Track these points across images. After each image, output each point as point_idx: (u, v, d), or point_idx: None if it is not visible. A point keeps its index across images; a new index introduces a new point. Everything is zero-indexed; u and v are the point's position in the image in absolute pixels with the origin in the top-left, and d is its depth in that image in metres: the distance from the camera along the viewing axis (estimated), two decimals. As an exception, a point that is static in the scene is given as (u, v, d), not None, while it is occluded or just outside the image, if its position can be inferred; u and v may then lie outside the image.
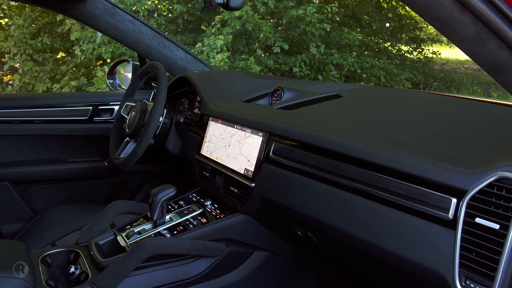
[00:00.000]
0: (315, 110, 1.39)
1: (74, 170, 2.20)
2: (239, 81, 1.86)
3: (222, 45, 5.97)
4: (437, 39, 9.65)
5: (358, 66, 6.98)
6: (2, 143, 2.10)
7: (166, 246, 1.26)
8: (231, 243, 1.42)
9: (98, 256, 1.32)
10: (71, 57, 7.06)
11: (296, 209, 1.19)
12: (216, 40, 6.02)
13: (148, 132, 1.58)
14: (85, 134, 2.21)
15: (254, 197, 1.33)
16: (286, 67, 6.80)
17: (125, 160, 1.66)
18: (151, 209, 1.38)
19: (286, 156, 1.24)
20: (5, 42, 6.81)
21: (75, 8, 1.90)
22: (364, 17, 8.22)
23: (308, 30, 6.51)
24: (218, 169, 1.50)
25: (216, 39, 6.02)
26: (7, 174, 2.07)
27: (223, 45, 5.99)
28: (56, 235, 1.76)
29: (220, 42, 5.98)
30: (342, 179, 1.07)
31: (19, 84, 6.74)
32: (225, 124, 1.52)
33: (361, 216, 1.01)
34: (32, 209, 2.16)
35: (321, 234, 1.21)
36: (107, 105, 2.22)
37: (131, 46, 2.09)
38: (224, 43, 6.00)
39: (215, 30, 6.18)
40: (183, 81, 1.95)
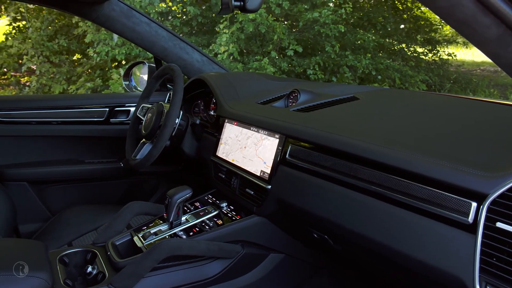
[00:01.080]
0: (332, 112, 1.38)
1: (91, 171, 2.23)
2: (254, 83, 1.86)
3: (227, 39, 5.97)
4: (452, 41, 9.56)
5: (373, 68, 6.94)
6: (21, 143, 2.13)
7: (182, 247, 1.26)
8: (247, 245, 1.42)
9: (115, 256, 1.33)
10: (86, 59, 7.14)
11: (312, 211, 1.19)
12: (223, 35, 6.03)
13: (164, 134, 1.59)
14: (102, 135, 2.24)
15: (270, 199, 1.33)
16: (300, 69, 6.79)
17: (141, 161, 1.68)
18: (168, 210, 1.39)
19: (303, 158, 1.24)
20: (23, 44, 6.91)
21: (93, 11, 1.92)
22: (379, 19, 8.17)
23: (322, 31, 6.50)
24: (234, 170, 1.50)
25: (222, 35, 6.04)
26: (25, 174, 2.10)
27: (229, 39, 5.98)
28: (73, 235, 1.78)
29: (226, 36, 5.98)
30: (359, 182, 1.06)
31: (36, 85, 6.83)
32: (241, 126, 1.52)
33: (378, 219, 1.01)
34: (49, 209, 2.19)
35: (337, 237, 1.20)
36: (123, 107, 2.24)
37: (148, 48, 2.10)
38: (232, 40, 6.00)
39: (224, 26, 6.20)
40: (199, 83, 1.96)
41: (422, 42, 8.84)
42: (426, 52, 8.92)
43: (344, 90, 1.61)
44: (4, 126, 2.07)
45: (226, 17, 6.21)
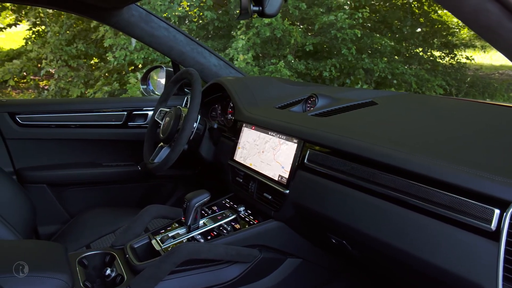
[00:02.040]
0: (350, 117, 1.38)
1: (108, 174, 2.25)
2: (272, 87, 1.87)
3: (243, 45, 5.99)
4: (470, 44, 9.43)
5: (389, 72, 6.89)
6: (41, 146, 2.16)
7: (200, 251, 1.27)
8: (264, 249, 1.42)
9: (133, 259, 1.34)
10: (104, 63, 7.22)
11: (331, 216, 1.18)
12: (239, 41, 6.05)
13: (182, 138, 1.60)
14: (119, 139, 2.26)
15: (288, 204, 1.33)
16: (316, 72, 6.78)
17: (159, 165, 1.69)
18: (186, 214, 1.39)
19: (321, 163, 1.23)
20: (42, 49, 7.02)
21: (112, 16, 1.95)
22: (395, 23, 8.11)
23: (339, 36, 6.48)
24: (251, 175, 1.50)
25: (239, 41, 6.06)
26: (45, 176, 2.14)
27: (245, 45, 6.00)
28: (91, 237, 1.80)
29: (242, 42, 6.00)
30: (378, 187, 1.05)
31: (55, 89, 6.93)
32: (259, 131, 1.53)
33: (398, 225, 1.00)
34: (68, 211, 2.22)
35: (356, 242, 1.19)
36: (141, 111, 2.26)
37: (166, 52, 2.12)
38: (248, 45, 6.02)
39: (241, 32, 6.22)
40: (216, 87, 1.97)
41: (439, 45, 8.75)
42: (443, 56, 8.83)
43: (362, 95, 1.61)
44: (25, 129, 2.11)
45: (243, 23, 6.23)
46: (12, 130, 2.09)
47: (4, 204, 1.60)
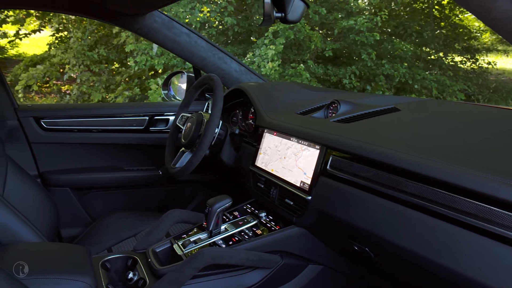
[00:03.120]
0: (373, 123, 1.37)
1: (130, 178, 2.28)
2: (293, 93, 1.86)
3: (273, 55, 6.02)
4: (492, 49, 9.29)
5: (410, 77, 6.82)
6: (64, 150, 2.20)
7: (222, 256, 1.27)
8: (286, 255, 1.41)
9: (155, 263, 1.35)
10: (125, 68, 7.31)
11: (354, 223, 1.17)
12: (268, 50, 6.07)
13: (204, 143, 1.61)
14: (141, 143, 2.28)
15: (310, 210, 1.33)
16: (335, 78, 6.75)
17: (180, 169, 1.70)
18: (207, 219, 1.40)
19: (344, 170, 1.23)
20: (65, 54, 7.15)
21: (135, 22, 1.97)
22: (416, 27, 8.04)
23: (358, 39, 6.45)
24: (273, 181, 1.50)
25: (267, 49, 6.07)
26: (68, 180, 2.17)
27: (274, 55, 6.02)
28: (112, 241, 1.82)
29: (271, 52, 6.02)
30: (402, 195, 1.04)
31: (77, 93, 7.05)
32: (280, 136, 1.53)
33: (423, 234, 0.99)
34: (90, 214, 2.25)
35: (379, 250, 1.18)
36: (162, 116, 2.29)
37: (187, 58, 2.14)
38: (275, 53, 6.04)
39: (268, 41, 6.24)
40: (237, 93, 1.97)
41: (460, 50, 8.64)
42: (464, 61, 8.71)
43: (384, 101, 1.59)
44: (49, 134, 2.15)
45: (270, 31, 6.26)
46: (37, 134, 2.13)
47: (29, 206, 1.62)
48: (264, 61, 6.05)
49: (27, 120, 2.11)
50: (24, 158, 2.08)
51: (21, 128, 2.10)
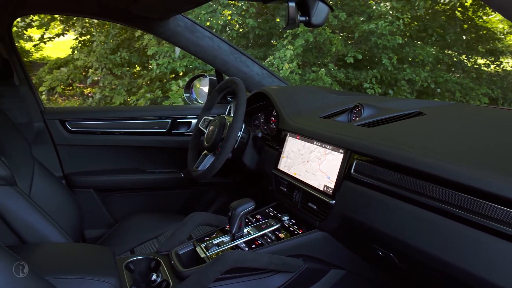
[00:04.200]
0: (397, 127, 1.35)
1: (152, 180, 2.30)
2: (316, 96, 1.86)
3: (291, 55, 6.01)
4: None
5: (432, 81, 6.73)
6: (88, 152, 2.24)
7: (246, 259, 1.27)
8: (308, 260, 1.41)
9: (179, 265, 1.36)
10: (146, 71, 7.40)
11: (378, 228, 1.16)
12: (286, 51, 6.07)
13: (227, 146, 1.61)
14: (163, 146, 2.31)
15: (333, 214, 1.32)
16: (356, 82, 6.71)
17: (203, 172, 1.71)
18: (230, 222, 1.41)
19: (368, 174, 1.22)
20: (88, 57, 7.27)
21: (159, 26, 2.00)
22: (438, 30, 7.93)
23: (379, 42, 6.40)
24: (296, 184, 1.50)
25: (286, 51, 6.07)
26: (92, 182, 2.21)
27: (292, 55, 6.02)
28: (135, 242, 1.84)
29: (289, 52, 6.02)
30: (428, 200, 1.03)
31: (99, 96, 7.16)
32: (303, 140, 1.52)
33: (449, 239, 0.97)
34: (113, 216, 2.28)
35: (403, 256, 1.17)
36: (185, 119, 2.30)
37: (210, 61, 2.16)
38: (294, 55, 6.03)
39: (286, 42, 6.24)
40: (259, 96, 1.98)
41: (483, 53, 8.49)
42: (488, 64, 8.56)
43: (408, 105, 1.58)
44: (74, 136, 2.19)
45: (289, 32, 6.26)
46: (62, 137, 2.17)
47: (54, 207, 1.66)
48: (283, 62, 6.05)
49: (53, 122, 2.15)
50: (50, 160, 2.12)
51: (47, 130, 2.15)
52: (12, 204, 1.40)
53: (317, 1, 1.40)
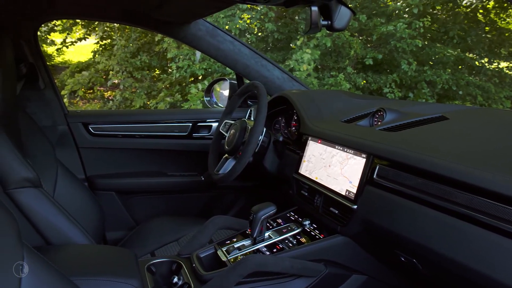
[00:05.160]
0: (420, 132, 1.34)
1: (173, 183, 2.31)
2: (337, 100, 1.85)
3: (309, 59, 5.99)
4: (542, 53, 8.92)
5: (453, 84, 6.64)
6: (110, 155, 2.26)
7: (267, 263, 1.27)
8: (330, 264, 1.40)
9: (200, 268, 1.36)
10: (166, 75, 7.46)
11: (401, 234, 1.15)
12: (303, 54, 6.06)
13: (248, 150, 1.61)
14: (184, 149, 2.32)
15: (355, 219, 1.31)
16: (375, 85, 6.65)
17: (224, 176, 1.71)
18: (252, 226, 1.41)
19: (391, 179, 1.21)
20: (109, 61, 7.37)
21: (181, 31, 2.02)
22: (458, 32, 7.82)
23: (399, 46, 6.34)
24: (317, 189, 1.49)
25: (303, 53, 6.06)
26: (113, 184, 2.23)
27: (310, 59, 6.00)
28: (155, 245, 1.85)
29: (307, 56, 6.01)
30: (453, 206, 1.02)
31: (119, 99, 7.25)
32: (325, 144, 1.52)
33: (475, 246, 0.96)
34: (134, 218, 2.30)
35: (428, 262, 1.15)
36: (205, 122, 2.32)
37: (230, 65, 2.17)
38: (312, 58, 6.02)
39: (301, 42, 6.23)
40: (280, 100, 1.98)
41: (506, 56, 8.33)
42: (511, 67, 8.40)
43: (431, 109, 1.56)
44: (96, 139, 2.22)
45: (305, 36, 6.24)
46: (85, 139, 2.20)
47: (77, 209, 1.68)
48: (300, 64, 6.04)
49: (76, 125, 2.18)
50: (73, 162, 2.15)
51: (70, 133, 2.18)
52: (38, 205, 1.43)
53: (339, 5, 1.40)
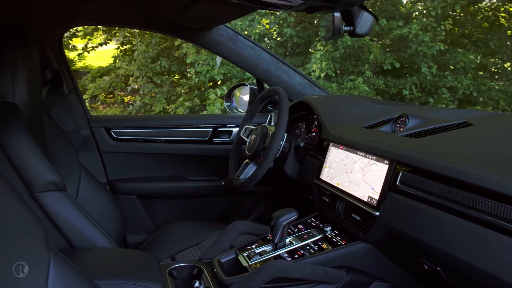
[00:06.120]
0: (444, 138, 1.32)
1: (193, 188, 2.33)
2: (357, 106, 1.84)
3: (321, 56, 5.96)
4: None
5: (474, 89, 6.54)
6: (132, 159, 2.29)
7: (288, 269, 1.27)
8: (351, 271, 1.39)
9: (221, 273, 1.37)
10: (185, 80, 7.52)
11: (425, 241, 1.14)
12: (317, 53, 6.04)
13: (269, 156, 1.62)
14: (204, 154, 2.33)
15: (378, 226, 1.30)
16: (395, 89, 6.59)
17: (245, 181, 1.72)
18: (273, 232, 1.40)
19: (415, 186, 1.19)
20: (129, 66, 7.47)
21: (202, 37, 2.04)
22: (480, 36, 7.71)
23: (420, 49, 6.27)
24: (338, 195, 1.49)
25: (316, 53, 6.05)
26: (135, 188, 2.26)
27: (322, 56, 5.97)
28: (176, 249, 1.87)
29: (319, 53, 5.98)
30: (478, 213, 1.00)
31: (139, 104, 7.33)
32: (347, 150, 1.51)
33: (502, 255, 0.94)
34: (154, 222, 2.32)
35: (452, 270, 1.14)
36: (225, 127, 2.33)
37: (251, 70, 2.18)
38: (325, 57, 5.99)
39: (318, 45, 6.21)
40: (301, 105, 1.98)
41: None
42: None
43: (455, 115, 1.54)
44: (118, 143, 2.25)
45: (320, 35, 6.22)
46: (107, 144, 2.23)
47: (100, 212, 1.70)
48: (313, 65, 6.03)
49: (99, 130, 2.22)
50: (95, 166, 2.18)
51: (93, 138, 2.21)
52: (62, 209, 1.45)
53: (362, 10, 1.40)
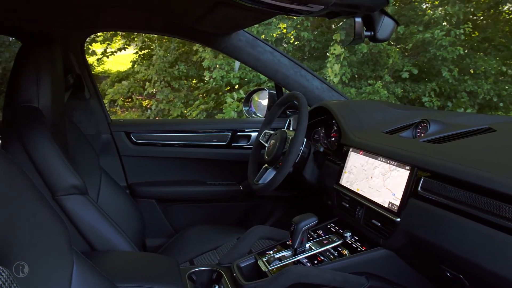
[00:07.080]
0: (467, 144, 1.31)
1: (211, 192, 2.34)
2: (378, 111, 1.83)
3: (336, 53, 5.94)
4: None
5: (495, 94, 6.44)
6: (151, 163, 2.31)
7: (308, 275, 1.26)
8: (371, 278, 1.38)
9: (241, 278, 1.37)
10: (203, 83, 7.57)
11: (447, 248, 1.12)
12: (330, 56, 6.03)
13: (289, 161, 1.62)
14: (223, 159, 2.35)
15: (399, 232, 1.29)
16: (414, 95, 6.53)
17: (264, 186, 1.72)
18: (293, 237, 1.40)
19: (437, 192, 1.18)
20: (148, 70, 7.55)
21: (222, 42, 2.05)
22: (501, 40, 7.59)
23: (439, 54, 6.20)
24: (358, 200, 1.48)
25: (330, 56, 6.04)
26: (154, 192, 2.28)
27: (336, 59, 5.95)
28: (194, 253, 1.88)
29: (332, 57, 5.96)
30: (503, 221, 0.98)
31: (157, 108, 7.40)
32: (367, 156, 1.50)
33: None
34: (173, 226, 2.33)
35: (475, 278, 1.12)
36: (244, 132, 2.33)
37: (270, 75, 2.18)
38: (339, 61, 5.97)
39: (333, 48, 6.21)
40: (320, 110, 1.97)
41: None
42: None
43: (477, 121, 1.52)
44: (138, 147, 2.27)
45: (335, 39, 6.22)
46: (127, 148, 2.26)
47: (119, 216, 1.72)
48: (328, 69, 6.01)
49: (119, 134, 2.24)
50: (115, 170, 2.21)
51: (113, 142, 2.24)
52: (84, 212, 1.48)
53: (382, 15, 1.39)
